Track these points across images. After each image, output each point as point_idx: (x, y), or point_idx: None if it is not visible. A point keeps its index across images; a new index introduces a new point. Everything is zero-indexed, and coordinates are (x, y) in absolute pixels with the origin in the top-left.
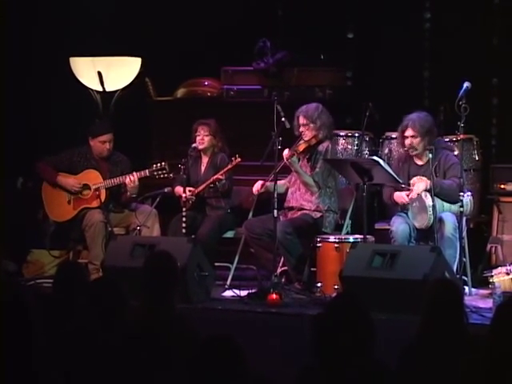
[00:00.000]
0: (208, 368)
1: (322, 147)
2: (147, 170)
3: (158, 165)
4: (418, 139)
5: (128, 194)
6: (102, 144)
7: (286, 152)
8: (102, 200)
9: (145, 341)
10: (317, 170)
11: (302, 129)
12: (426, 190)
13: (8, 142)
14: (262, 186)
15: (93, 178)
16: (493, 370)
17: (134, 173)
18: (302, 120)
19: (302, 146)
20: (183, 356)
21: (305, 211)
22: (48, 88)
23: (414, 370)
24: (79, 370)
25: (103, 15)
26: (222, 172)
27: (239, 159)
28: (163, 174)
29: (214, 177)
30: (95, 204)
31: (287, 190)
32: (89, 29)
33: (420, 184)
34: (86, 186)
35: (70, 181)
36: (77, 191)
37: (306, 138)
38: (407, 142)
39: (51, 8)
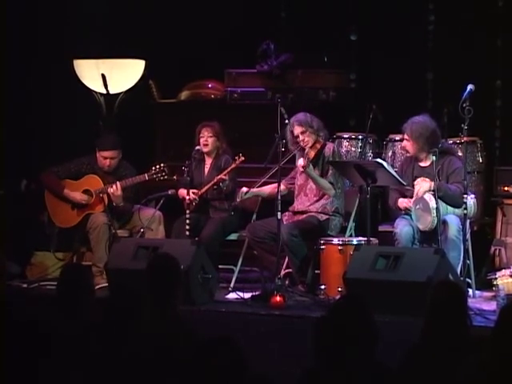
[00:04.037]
0: (207, 369)
1: (328, 150)
2: (146, 174)
3: (157, 167)
4: (410, 143)
5: (113, 203)
6: (103, 159)
7: (301, 162)
8: (106, 203)
9: (148, 342)
10: (330, 171)
11: (301, 137)
12: (429, 191)
13: (11, 143)
14: (247, 192)
15: (93, 182)
16: (496, 372)
17: (118, 182)
18: (298, 129)
19: (311, 153)
20: (185, 357)
21: (311, 213)
22: (52, 90)
23: (417, 372)
24: (82, 370)
25: (107, 18)
26: (225, 172)
27: (243, 158)
28: (162, 176)
29: (218, 177)
30: (99, 209)
31: (289, 192)
32: (93, 31)
33: (424, 184)
34: (88, 192)
35: (76, 196)
36: (84, 204)
37: (309, 145)
38: (403, 143)
39: (54, 10)
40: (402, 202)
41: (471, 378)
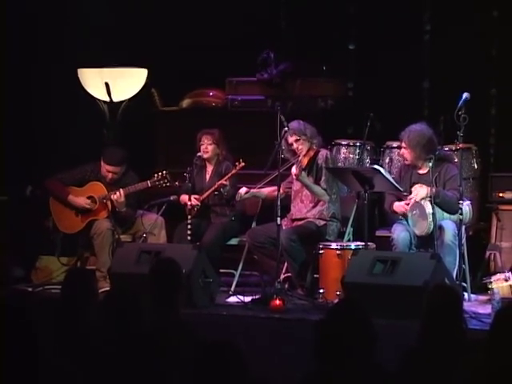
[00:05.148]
0: (208, 372)
1: (321, 156)
2: (148, 181)
3: (159, 174)
4: (408, 151)
5: (116, 209)
6: (106, 171)
7: (293, 170)
8: (110, 209)
9: (149, 345)
10: (323, 178)
11: (295, 145)
12: (426, 197)
13: (16, 150)
14: (247, 192)
15: (97, 189)
16: (492, 375)
17: (121, 189)
18: (292, 138)
19: (304, 161)
20: (186, 360)
21: (309, 219)
22: (56, 98)
23: (415, 375)
24: (83, 372)
25: (110, 27)
26: (226, 177)
27: (243, 164)
28: (165, 183)
29: (219, 182)
30: (103, 215)
31: (286, 196)
32: (96, 40)
33: (421, 190)
34: (92, 199)
35: (80, 200)
36: (87, 209)
37: (303, 153)
38: (401, 151)
39: (57, 18)
40: (398, 206)
41: (467, 380)
